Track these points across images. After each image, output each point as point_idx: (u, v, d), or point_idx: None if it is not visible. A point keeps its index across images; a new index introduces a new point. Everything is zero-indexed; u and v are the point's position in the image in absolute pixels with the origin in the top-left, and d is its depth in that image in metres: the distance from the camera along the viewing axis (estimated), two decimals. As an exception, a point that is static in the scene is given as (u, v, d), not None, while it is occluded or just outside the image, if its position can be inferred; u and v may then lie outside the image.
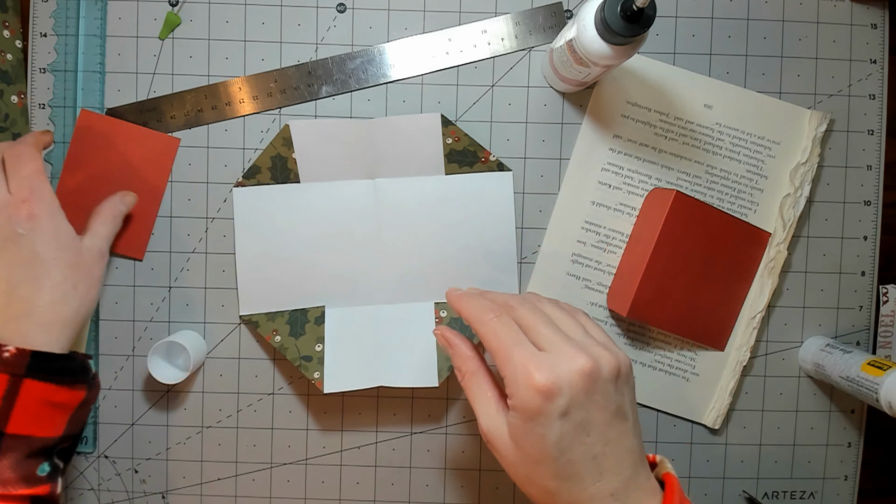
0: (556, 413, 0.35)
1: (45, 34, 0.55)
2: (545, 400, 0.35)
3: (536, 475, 0.37)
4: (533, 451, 0.36)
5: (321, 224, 0.55)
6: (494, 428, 0.38)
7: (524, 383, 0.36)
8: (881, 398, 0.48)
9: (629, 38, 0.39)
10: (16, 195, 0.44)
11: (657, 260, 0.51)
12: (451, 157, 0.54)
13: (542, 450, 0.36)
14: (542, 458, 0.36)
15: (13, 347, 0.41)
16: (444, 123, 0.53)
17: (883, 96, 0.56)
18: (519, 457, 0.37)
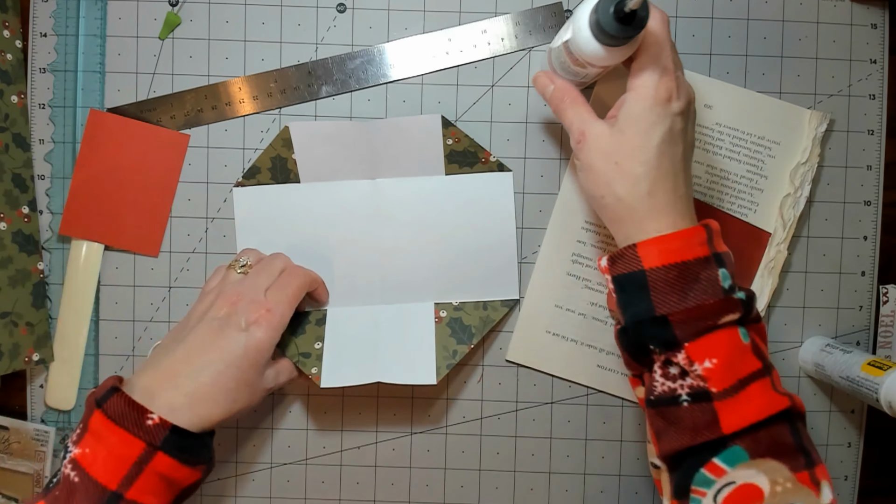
0: (672, 111, 0.42)
1: (45, 34, 0.55)
2: (670, 100, 0.42)
3: (630, 157, 0.42)
4: (638, 138, 0.42)
5: (321, 224, 0.55)
6: (591, 124, 0.44)
7: (661, 84, 0.42)
8: (881, 398, 0.48)
9: (623, 40, 0.40)
10: (266, 301, 0.47)
11: (657, 260, 0.51)
12: (451, 158, 0.54)
13: (647, 137, 0.42)
14: (643, 143, 0.42)
15: (157, 417, 0.42)
16: (445, 125, 0.53)
17: (883, 96, 0.56)
18: (621, 145, 0.42)
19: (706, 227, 0.42)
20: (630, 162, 0.42)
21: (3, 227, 0.53)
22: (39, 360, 0.55)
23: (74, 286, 0.56)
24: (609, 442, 0.57)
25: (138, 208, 0.55)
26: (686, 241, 0.41)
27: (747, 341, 0.40)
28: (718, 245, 0.42)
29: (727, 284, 0.40)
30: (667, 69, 0.42)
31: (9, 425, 0.56)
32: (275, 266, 0.50)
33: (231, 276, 0.50)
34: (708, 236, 0.42)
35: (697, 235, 0.41)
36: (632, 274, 0.41)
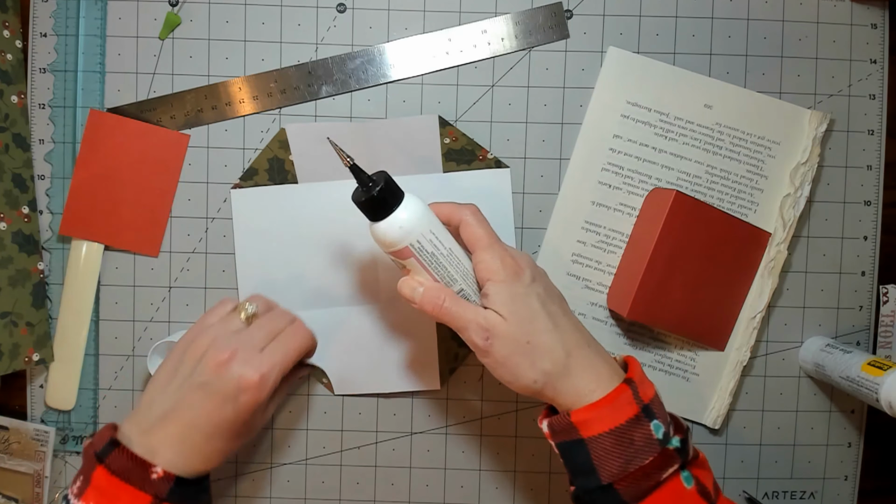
0: (528, 281, 0.45)
1: (45, 34, 0.55)
2: (516, 273, 0.45)
3: (534, 333, 0.44)
4: (524, 311, 0.44)
5: (320, 224, 0.55)
6: (490, 317, 0.44)
7: (504, 263, 0.44)
8: (881, 398, 0.48)
9: (382, 216, 0.43)
10: (260, 363, 0.45)
11: (657, 260, 0.51)
12: (449, 156, 0.54)
13: (530, 305, 0.44)
14: (532, 314, 0.44)
15: (161, 470, 0.43)
16: (442, 124, 0.53)
17: (883, 96, 0.56)
18: (516, 325, 0.43)
19: (629, 383, 0.43)
20: (537, 336, 0.44)
21: (3, 227, 0.53)
22: (39, 360, 0.55)
23: (74, 286, 0.56)
24: (609, 442, 0.57)
25: (138, 208, 0.55)
26: (615, 405, 0.42)
27: (691, 485, 0.42)
28: (644, 392, 0.43)
29: (660, 434, 0.42)
30: (501, 252, 0.45)
31: (9, 425, 0.56)
32: (278, 324, 0.49)
33: (232, 323, 0.48)
34: (633, 391, 0.42)
35: (623, 394, 0.42)
36: (572, 443, 0.43)
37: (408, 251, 0.44)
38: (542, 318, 0.44)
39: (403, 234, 0.43)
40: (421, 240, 0.43)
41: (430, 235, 0.44)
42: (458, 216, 0.46)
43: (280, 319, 0.49)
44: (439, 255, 0.44)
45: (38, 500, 0.56)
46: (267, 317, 0.49)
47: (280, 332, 0.48)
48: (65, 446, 0.56)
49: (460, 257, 0.46)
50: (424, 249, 0.44)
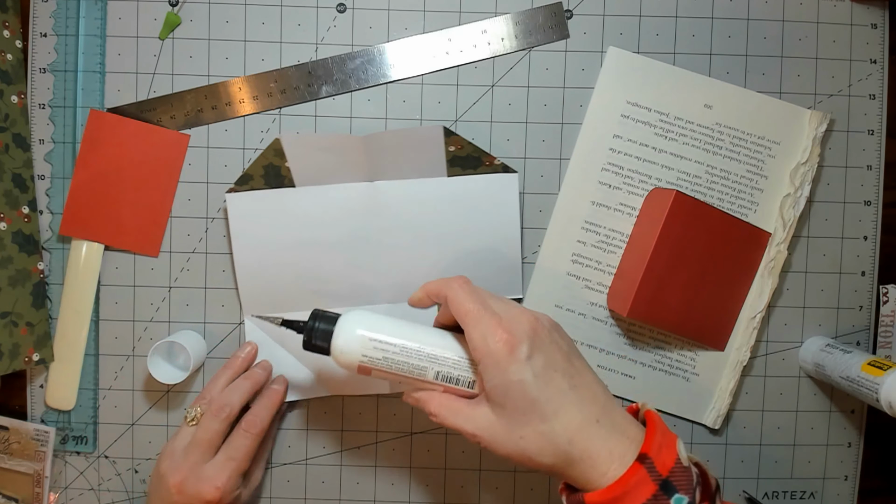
0: (523, 358, 0.40)
1: (45, 34, 0.55)
2: (511, 350, 0.40)
3: (530, 426, 0.40)
4: (519, 401, 0.40)
5: (318, 226, 0.54)
6: (481, 417, 0.41)
7: (491, 339, 0.40)
8: (881, 398, 0.48)
9: (328, 352, 0.45)
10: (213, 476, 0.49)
11: (657, 260, 0.51)
12: (453, 162, 0.54)
13: (525, 394, 0.40)
14: (527, 405, 0.40)
15: None
16: (447, 134, 0.52)
17: (883, 96, 0.56)
18: (512, 418, 0.40)
19: (643, 460, 0.38)
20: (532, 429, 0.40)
21: (3, 227, 0.53)
22: (39, 360, 0.55)
23: (74, 286, 0.56)
24: (609, 442, 0.57)
25: (138, 208, 0.55)
26: (628, 486, 0.38)
27: None
28: (662, 462, 0.38)
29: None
30: (488, 324, 0.41)
31: (9, 425, 0.56)
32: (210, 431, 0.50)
33: (183, 436, 0.51)
34: (648, 468, 0.38)
35: (638, 474, 0.38)
36: None
37: (365, 368, 0.44)
38: (538, 406, 0.40)
39: (350, 359, 0.44)
40: (367, 353, 0.44)
41: (372, 344, 0.44)
42: (443, 293, 0.43)
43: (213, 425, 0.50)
44: (392, 356, 0.43)
45: (37, 500, 0.56)
46: (207, 416, 0.51)
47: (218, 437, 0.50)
48: (65, 446, 0.56)
49: (421, 343, 0.44)
50: (376, 359, 0.44)
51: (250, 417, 0.51)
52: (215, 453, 0.50)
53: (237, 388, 0.52)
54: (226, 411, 0.50)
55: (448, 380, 0.43)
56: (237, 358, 0.54)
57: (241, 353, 0.55)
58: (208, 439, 0.50)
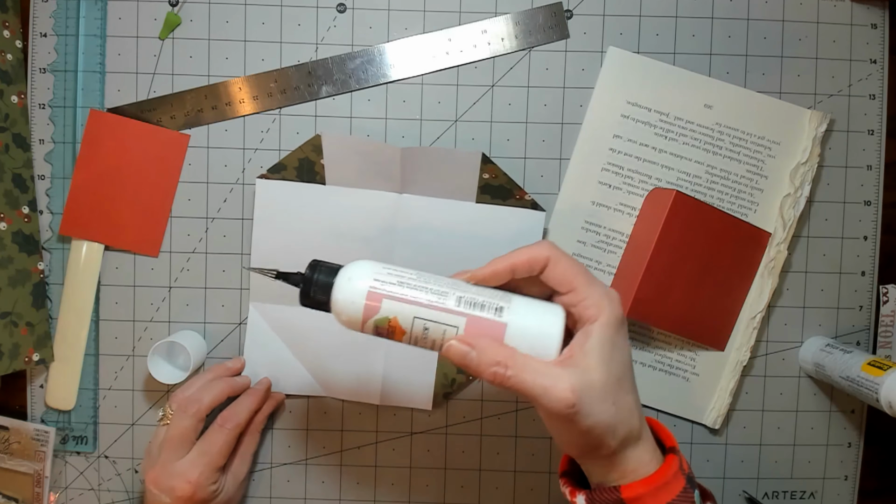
0: (625, 322, 0.39)
1: (45, 34, 0.55)
2: (622, 315, 0.38)
3: (621, 395, 0.37)
4: (620, 365, 0.38)
5: (340, 228, 0.54)
6: (578, 377, 0.36)
7: (612, 299, 0.38)
8: (881, 398, 0.48)
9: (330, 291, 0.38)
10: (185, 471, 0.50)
11: (657, 260, 0.51)
12: (484, 189, 0.53)
13: (624, 360, 0.38)
14: (624, 369, 0.38)
15: None
16: (484, 161, 0.52)
17: (883, 96, 0.56)
18: (609, 381, 0.37)
19: (676, 453, 0.39)
20: (623, 395, 0.38)
21: (3, 227, 0.53)
22: (39, 360, 0.55)
23: (74, 286, 0.56)
24: (609, 442, 0.57)
25: (138, 208, 0.55)
26: (667, 480, 0.38)
27: None
28: (683, 460, 0.39)
29: (700, 502, 0.39)
30: (605, 289, 0.38)
31: (9, 425, 0.56)
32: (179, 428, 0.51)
33: (158, 434, 0.52)
34: (679, 461, 0.39)
35: (673, 466, 0.38)
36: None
37: (373, 301, 0.37)
38: (629, 373, 0.38)
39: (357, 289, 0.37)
40: (378, 277, 0.37)
41: (385, 270, 0.38)
42: (542, 255, 0.38)
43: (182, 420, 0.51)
44: (407, 278, 0.38)
45: (38, 500, 0.56)
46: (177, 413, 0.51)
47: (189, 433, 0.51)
48: (65, 446, 0.56)
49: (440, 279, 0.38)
50: (387, 283, 0.37)
51: (226, 413, 0.52)
52: (189, 449, 0.51)
53: (210, 387, 0.52)
54: (195, 407, 0.51)
55: (473, 305, 0.37)
56: (221, 365, 0.55)
57: (228, 362, 0.55)
58: (179, 435, 0.50)
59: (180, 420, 0.50)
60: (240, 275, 0.56)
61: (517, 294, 0.39)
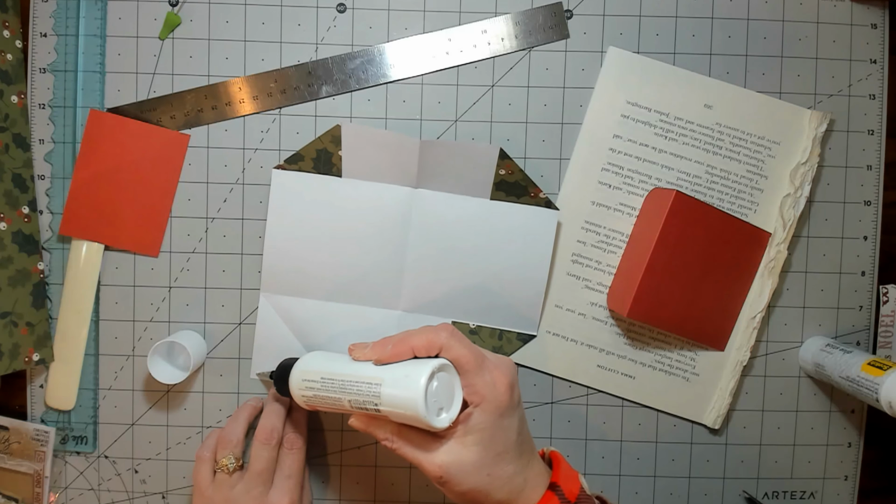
0: (516, 404, 0.44)
1: (45, 34, 0.55)
2: (510, 396, 0.43)
3: (501, 465, 0.42)
4: (501, 443, 0.42)
5: (354, 221, 0.54)
6: (450, 454, 0.42)
7: (498, 384, 0.43)
8: (881, 398, 0.48)
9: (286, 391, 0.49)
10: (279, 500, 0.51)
11: (657, 260, 0.51)
12: (499, 186, 0.53)
13: (508, 438, 0.43)
14: (506, 446, 0.43)
15: None
16: (502, 156, 0.52)
17: (883, 96, 0.56)
18: (486, 457, 0.42)
19: (554, 489, 0.43)
20: (501, 467, 0.42)
21: (3, 227, 0.53)
22: (39, 360, 0.55)
23: (74, 286, 0.56)
24: (609, 442, 0.57)
25: (138, 208, 0.55)
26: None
27: None
28: (569, 490, 0.43)
29: None
30: (493, 372, 0.43)
31: (9, 425, 0.56)
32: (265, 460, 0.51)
33: (226, 485, 0.51)
34: (559, 496, 0.43)
35: (550, 502, 0.43)
36: None
37: (310, 406, 0.48)
38: (512, 449, 0.43)
39: (298, 401, 0.48)
40: (303, 393, 0.47)
41: (305, 384, 0.47)
42: (437, 343, 0.43)
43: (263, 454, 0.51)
44: (318, 392, 0.46)
45: (37, 500, 0.56)
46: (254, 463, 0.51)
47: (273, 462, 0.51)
48: (65, 446, 0.56)
49: (342, 375, 0.45)
50: (309, 396, 0.47)
51: (289, 435, 0.53)
52: (272, 479, 0.51)
53: (273, 412, 0.53)
54: (275, 436, 0.51)
55: (357, 405, 0.44)
56: (247, 405, 0.55)
57: (252, 401, 0.56)
58: (266, 468, 0.51)
59: (262, 452, 0.51)
60: (240, 275, 0.56)
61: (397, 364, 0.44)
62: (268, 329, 0.56)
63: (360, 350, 0.46)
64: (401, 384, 0.42)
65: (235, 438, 0.52)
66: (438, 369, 0.42)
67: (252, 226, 0.56)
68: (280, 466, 0.52)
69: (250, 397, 0.56)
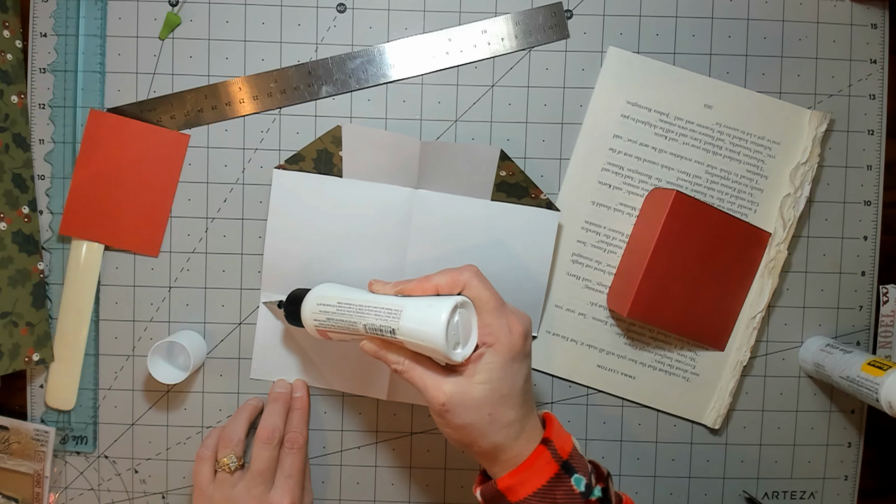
0: (527, 351, 0.45)
1: (45, 34, 0.55)
2: (522, 343, 0.44)
3: (500, 409, 0.43)
4: (507, 387, 0.43)
5: (355, 221, 0.55)
6: (457, 386, 0.43)
7: (514, 330, 0.43)
8: (881, 398, 0.48)
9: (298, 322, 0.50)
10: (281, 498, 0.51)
11: (657, 260, 0.51)
12: (500, 187, 0.53)
13: (514, 384, 0.43)
14: (511, 391, 0.43)
15: None
16: (502, 157, 0.52)
17: (883, 96, 0.56)
18: (490, 396, 0.43)
19: (546, 443, 0.44)
20: (503, 409, 0.43)
21: (3, 227, 0.53)
22: (39, 360, 0.55)
23: (74, 286, 0.56)
24: (609, 442, 0.57)
25: (138, 208, 0.55)
26: (535, 467, 0.43)
27: None
28: (561, 447, 0.44)
29: (582, 487, 0.43)
30: (510, 317, 0.44)
31: (9, 425, 0.56)
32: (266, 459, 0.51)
33: (228, 484, 0.51)
34: (552, 451, 0.43)
35: (542, 456, 0.43)
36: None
37: (322, 332, 0.48)
38: (516, 395, 0.43)
39: (310, 326, 0.49)
40: (317, 317, 0.48)
41: (319, 308, 0.48)
42: (461, 281, 0.44)
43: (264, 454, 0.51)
44: (332, 315, 0.47)
45: (37, 500, 0.56)
46: (254, 463, 0.51)
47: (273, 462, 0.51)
48: (65, 446, 0.56)
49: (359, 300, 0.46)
50: (322, 321, 0.47)
51: (290, 435, 0.53)
52: (273, 479, 0.51)
53: (274, 411, 0.53)
54: (276, 436, 0.52)
55: (373, 329, 0.45)
56: (248, 405, 0.55)
57: (252, 400, 0.56)
58: (267, 467, 0.51)
59: (263, 452, 0.51)
60: (240, 275, 0.56)
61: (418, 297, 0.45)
62: (268, 329, 0.56)
63: (380, 285, 0.47)
64: (422, 313, 0.43)
65: (237, 437, 0.52)
66: (460, 305, 0.43)
67: (252, 226, 0.56)
68: (281, 466, 0.52)
69: (251, 397, 0.56)
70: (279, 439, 0.52)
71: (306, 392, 0.56)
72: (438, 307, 0.42)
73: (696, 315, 0.54)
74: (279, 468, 0.52)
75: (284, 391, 0.55)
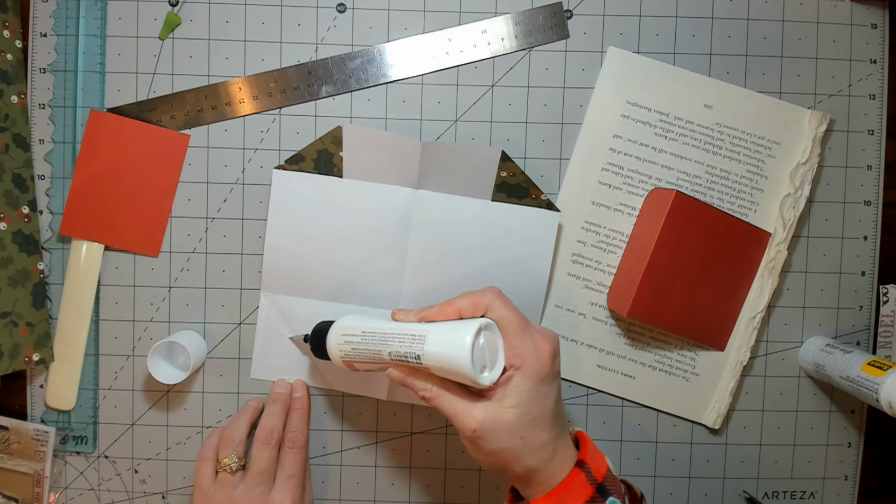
0: (557, 372, 0.44)
1: (45, 34, 0.55)
2: (553, 363, 0.43)
3: (532, 433, 0.42)
4: (537, 409, 0.42)
5: (355, 221, 0.54)
6: (487, 411, 0.42)
7: (541, 350, 0.43)
8: (881, 398, 0.48)
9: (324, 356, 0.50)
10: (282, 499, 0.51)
11: (657, 260, 0.51)
12: (500, 188, 0.53)
13: (545, 406, 0.43)
14: (542, 413, 0.43)
15: None
16: (503, 158, 0.52)
17: (883, 96, 0.56)
18: (521, 420, 0.42)
19: (581, 466, 0.43)
20: (535, 433, 0.42)
21: (3, 227, 0.53)
22: (39, 360, 0.55)
23: (74, 286, 0.56)
24: (609, 442, 0.57)
25: (138, 208, 0.55)
26: (570, 490, 0.42)
27: None
28: (596, 469, 0.43)
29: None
30: (535, 336, 0.43)
31: (9, 425, 0.56)
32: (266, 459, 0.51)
33: (228, 484, 0.51)
34: (587, 473, 0.43)
35: (578, 479, 0.42)
36: None
37: (348, 363, 0.48)
38: (547, 417, 0.43)
39: (336, 358, 0.49)
40: (342, 348, 0.48)
41: (344, 339, 0.48)
42: (483, 304, 0.44)
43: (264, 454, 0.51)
44: (357, 346, 0.47)
45: (37, 500, 0.56)
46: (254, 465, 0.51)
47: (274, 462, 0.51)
48: (65, 446, 0.56)
49: (382, 329, 0.46)
50: (348, 352, 0.47)
51: (290, 435, 0.53)
52: (273, 478, 0.51)
53: (273, 412, 0.53)
54: (275, 436, 0.52)
55: (398, 357, 0.44)
56: (249, 405, 0.55)
57: (253, 401, 0.56)
58: (266, 468, 0.51)
59: (263, 452, 0.51)
60: (240, 275, 0.56)
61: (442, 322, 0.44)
62: (268, 329, 0.56)
63: (402, 313, 0.47)
64: (446, 337, 0.42)
65: (238, 438, 0.52)
66: (485, 327, 0.42)
67: (252, 226, 0.56)
68: (281, 466, 0.52)
69: (251, 397, 0.56)
70: (278, 440, 0.52)
71: (306, 392, 0.56)
72: (462, 330, 0.42)
73: (696, 315, 0.54)
74: (280, 468, 0.52)
75: (284, 391, 0.55)
